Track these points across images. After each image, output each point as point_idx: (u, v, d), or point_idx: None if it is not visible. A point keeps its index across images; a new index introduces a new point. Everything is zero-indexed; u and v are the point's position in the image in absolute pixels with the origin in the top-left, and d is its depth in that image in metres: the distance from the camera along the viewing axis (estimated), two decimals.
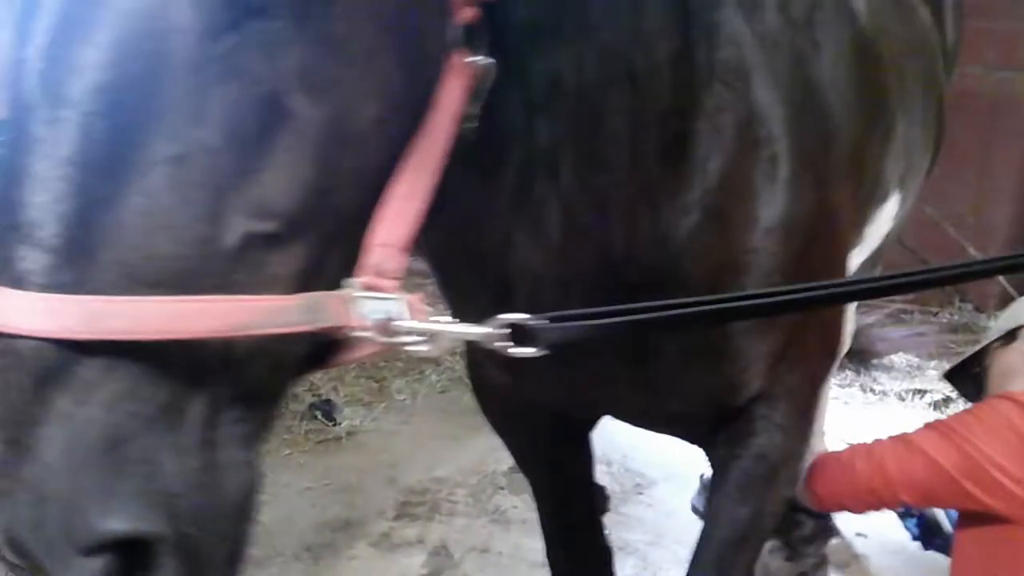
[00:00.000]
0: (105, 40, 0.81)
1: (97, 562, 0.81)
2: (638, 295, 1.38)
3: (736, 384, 1.62)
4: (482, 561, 3.34)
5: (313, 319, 0.92)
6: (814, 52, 1.56)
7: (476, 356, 1.92)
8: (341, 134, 0.91)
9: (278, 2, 0.85)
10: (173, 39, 0.82)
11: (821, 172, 1.55)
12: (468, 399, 2.46)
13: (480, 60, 1.05)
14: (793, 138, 1.46)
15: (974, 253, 4.98)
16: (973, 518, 1.89)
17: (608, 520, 2.44)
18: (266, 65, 0.85)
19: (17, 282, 0.81)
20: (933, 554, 2.37)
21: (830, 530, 3.02)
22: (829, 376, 1.96)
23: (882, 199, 2.01)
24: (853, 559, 3.30)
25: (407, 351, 0.98)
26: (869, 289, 1.59)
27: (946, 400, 4.43)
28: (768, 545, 2.63)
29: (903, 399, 4.63)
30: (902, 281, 1.39)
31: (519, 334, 1.04)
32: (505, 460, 4.03)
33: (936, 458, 1.78)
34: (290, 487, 3.67)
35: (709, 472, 3.54)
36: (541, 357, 1.06)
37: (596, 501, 2.19)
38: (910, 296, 5.09)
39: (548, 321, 1.06)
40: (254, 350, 0.90)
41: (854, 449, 1.95)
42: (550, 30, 1.17)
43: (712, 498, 1.80)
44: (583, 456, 2.13)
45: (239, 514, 0.92)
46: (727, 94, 1.39)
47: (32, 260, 0.81)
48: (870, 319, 4.52)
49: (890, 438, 1.89)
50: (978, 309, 5.29)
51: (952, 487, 1.81)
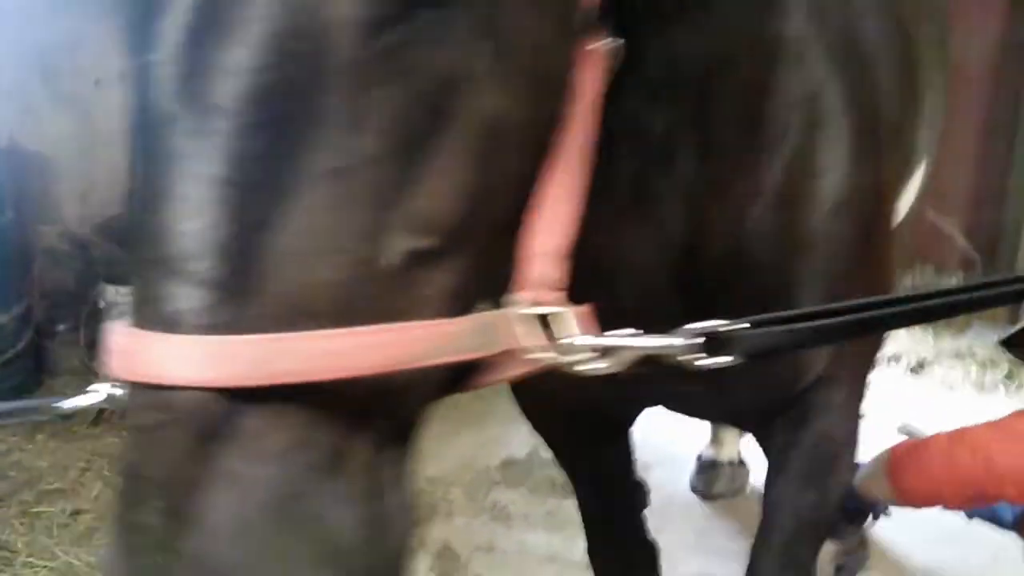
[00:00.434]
0: (255, 37, 0.70)
1: None
2: (706, 286, 1.33)
3: (805, 370, 1.58)
4: (489, 560, 3.27)
5: (486, 343, 0.84)
6: (860, 22, 1.52)
7: None
8: (500, 132, 0.82)
9: None
10: (331, 35, 0.72)
11: (875, 147, 1.52)
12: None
13: (610, 43, 0.97)
14: (851, 113, 1.43)
15: None
16: None
17: None
18: (430, 61, 0.76)
19: (169, 324, 0.71)
20: (958, 527, 2.29)
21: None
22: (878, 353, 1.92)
23: (912, 171, 1.99)
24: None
25: (581, 370, 0.89)
26: None
27: (921, 364, 4.52)
28: None
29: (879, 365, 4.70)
30: None
31: (714, 344, 0.96)
32: (497, 454, 3.98)
33: None
34: None
35: (708, 452, 3.67)
36: None
37: (637, 497, 2.14)
38: None
39: (749, 327, 0.98)
40: (412, 380, 0.81)
41: (947, 439, 1.77)
42: (673, 8, 1.10)
43: (771, 488, 1.75)
44: (624, 452, 2.07)
45: (402, 565, 0.84)
46: (796, 68, 1.35)
47: (186, 298, 0.71)
48: None
49: (986, 427, 1.73)
50: (938, 271, 5.40)
51: None
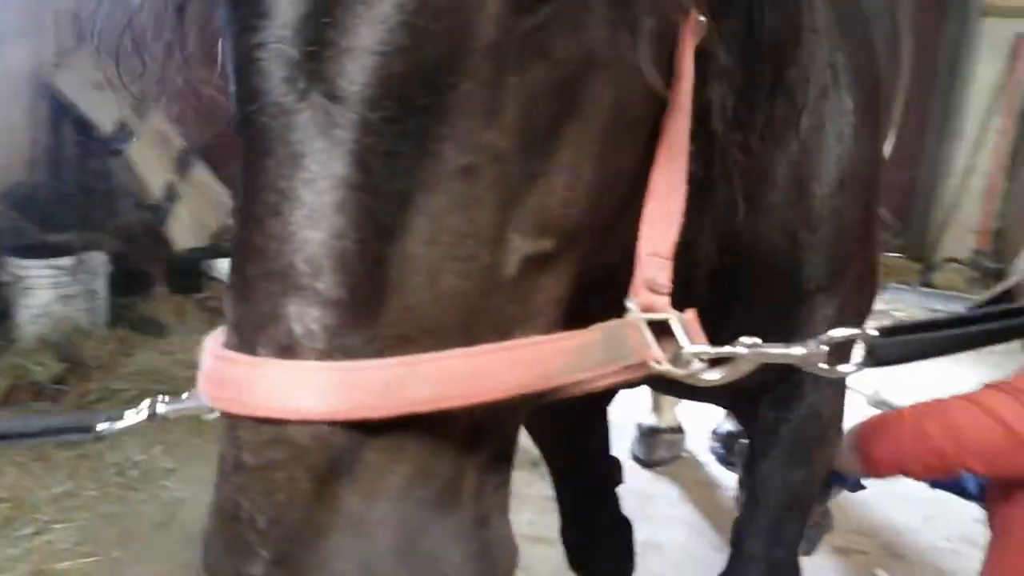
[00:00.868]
0: (386, 15, 0.60)
1: None
2: (730, 269, 1.27)
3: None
4: None
5: (618, 355, 0.77)
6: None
7: None
8: (620, 122, 0.75)
9: None
10: (473, 14, 0.62)
11: (874, 121, 1.51)
12: None
13: (702, 22, 0.88)
14: (856, 87, 1.40)
15: None
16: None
17: None
18: (567, 47, 0.68)
19: (287, 349, 0.62)
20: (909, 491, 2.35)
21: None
22: None
23: (888, 142, 2.00)
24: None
25: (697, 380, 0.82)
26: None
27: None
28: None
29: None
30: None
31: (842, 352, 0.90)
32: None
33: (1013, 424, 1.66)
34: (209, 480, 3.30)
35: (648, 420, 3.68)
36: None
37: (612, 473, 2.09)
38: None
39: (879, 335, 0.93)
40: (520, 398, 0.73)
41: (917, 410, 1.81)
42: None
43: (759, 464, 1.72)
44: (601, 429, 2.03)
45: None
46: (813, 41, 1.30)
47: (309, 318, 0.61)
48: None
49: (956, 401, 1.76)
50: (887, 226, 5.57)
51: None
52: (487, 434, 0.72)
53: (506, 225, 0.68)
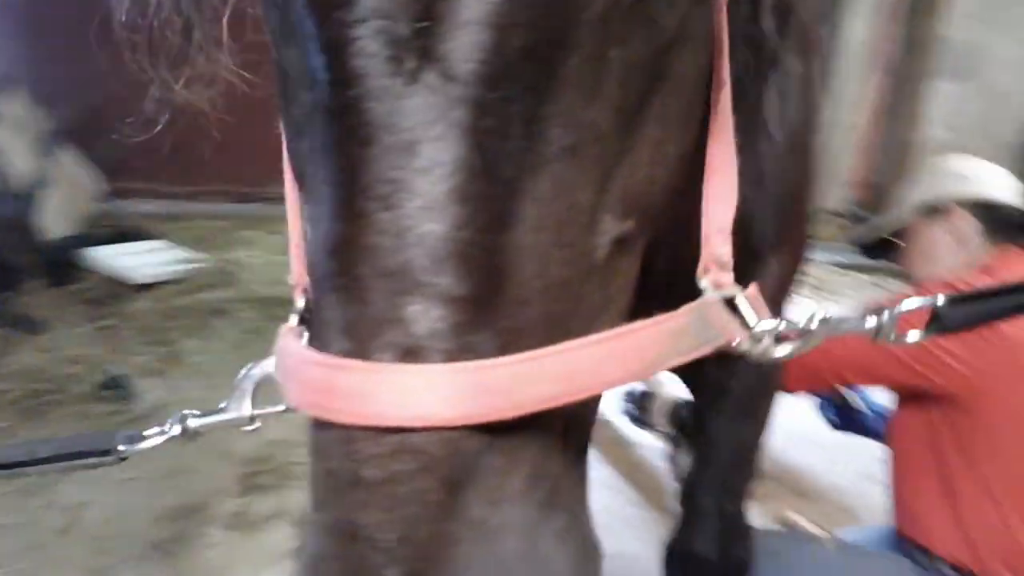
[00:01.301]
0: None
1: None
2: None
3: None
4: None
5: (709, 338, 0.74)
6: None
7: None
8: (692, 92, 0.73)
9: None
10: None
11: (813, 82, 1.52)
12: (268, 350, 2.22)
13: None
14: (801, 58, 1.41)
15: None
16: (913, 402, 1.99)
17: None
18: (667, 13, 0.64)
19: (410, 352, 0.57)
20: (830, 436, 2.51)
21: None
22: None
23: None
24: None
25: (767, 358, 0.79)
26: None
27: None
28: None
29: None
30: None
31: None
32: None
33: None
34: (108, 479, 3.18)
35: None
36: None
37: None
38: None
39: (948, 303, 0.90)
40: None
41: None
42: None
43: (709, 421, 1.73)
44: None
45: None
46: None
47: (432, 318, 0.57)
48: None
49: None
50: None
51: (900, 367, 1.89)
52: (577, 427, 0.69)
53: (601, 206, 0.65)
